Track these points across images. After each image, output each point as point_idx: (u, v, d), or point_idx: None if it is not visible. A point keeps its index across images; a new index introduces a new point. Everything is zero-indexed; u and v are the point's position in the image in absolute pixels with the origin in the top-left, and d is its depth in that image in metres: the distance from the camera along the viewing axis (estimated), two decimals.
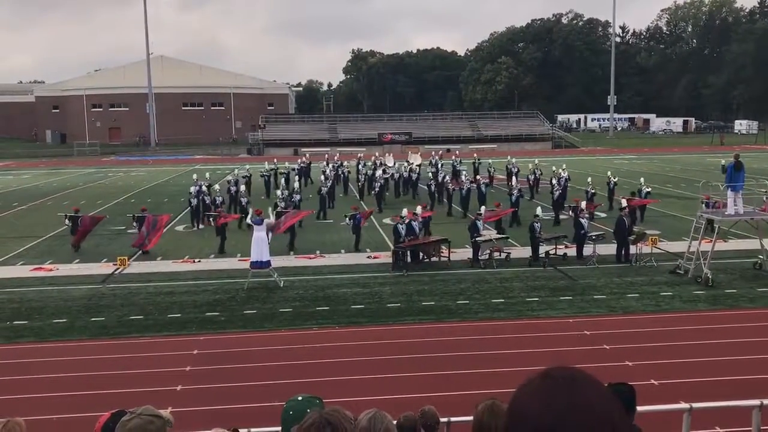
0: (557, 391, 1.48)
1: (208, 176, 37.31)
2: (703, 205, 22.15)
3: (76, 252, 24.47)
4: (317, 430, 2.30)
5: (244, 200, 30.00)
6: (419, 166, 41.42)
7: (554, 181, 31.25)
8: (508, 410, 1.53)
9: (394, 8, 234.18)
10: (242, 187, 31.80)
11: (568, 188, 32.33)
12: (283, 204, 27.48)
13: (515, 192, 28.65)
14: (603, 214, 28.54)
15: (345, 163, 45.86)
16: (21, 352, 14.31)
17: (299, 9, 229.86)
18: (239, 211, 29.20)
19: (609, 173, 34.12)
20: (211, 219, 26.10)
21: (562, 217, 28.43)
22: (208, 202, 29.66)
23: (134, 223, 26.02)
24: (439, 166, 40.93)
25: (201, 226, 28.89)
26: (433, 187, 34.11)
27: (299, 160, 47.14)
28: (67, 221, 26.25)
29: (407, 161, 43.23)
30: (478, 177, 33.58)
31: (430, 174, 37.81)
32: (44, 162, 72.21)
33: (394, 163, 42.53)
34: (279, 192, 30.74)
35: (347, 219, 24.78)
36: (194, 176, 34.63)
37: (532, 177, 36.01)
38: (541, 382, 1.51)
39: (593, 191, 28.80)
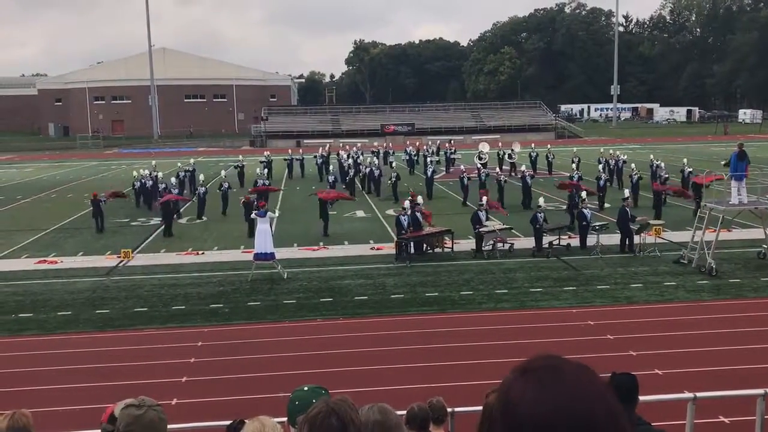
0: (548, 382, 1.41)
1: (179, 165, 37.72)
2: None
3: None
4: (323, 419, 2.30)
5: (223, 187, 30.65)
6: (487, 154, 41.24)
7: (633, 166, 31.75)
8: (501, 410, 1.44)
9: None
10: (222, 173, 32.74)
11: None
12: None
13: (603, 177, 29.68)
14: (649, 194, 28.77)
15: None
16: (26, 345, 14.38)
17: (298, 0, 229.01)
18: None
19: (651, 156, 35.21)
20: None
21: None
22: (148, 186, 32.06)
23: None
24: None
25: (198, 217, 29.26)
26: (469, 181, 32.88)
27: (320, 150, 47.34)
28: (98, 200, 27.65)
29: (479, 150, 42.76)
30: (522, 168, 32.97)
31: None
32: (47, 155, 72.22)
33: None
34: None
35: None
36: (153, 162, 36.93)
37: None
38: (523, 377, 1.44)
39: (666, 176, 29.72)
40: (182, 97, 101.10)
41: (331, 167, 37.56)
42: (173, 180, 32.10)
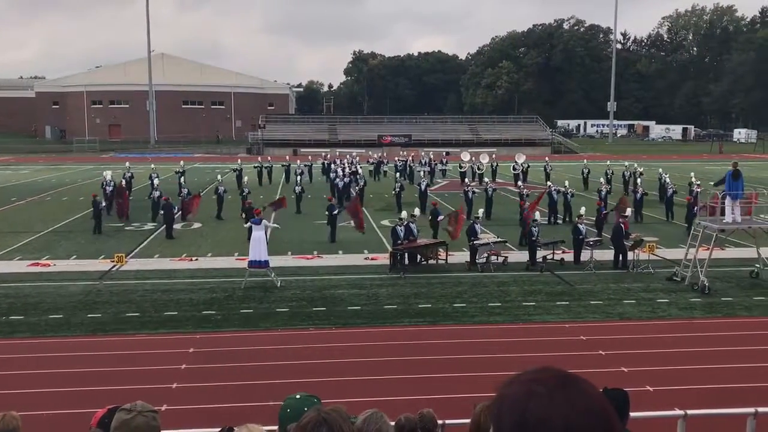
0: (568, 395, 1.44)
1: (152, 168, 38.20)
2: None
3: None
4: (313, 429, 2.31)
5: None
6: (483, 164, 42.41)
7: (668, 180, 32.50)
8: (520, 424, 1.44)
9: (393, 10, 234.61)
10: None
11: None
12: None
13: (639, 191, 30.65)
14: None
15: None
16: (16, 347, 14.30)
17: (298, 10, 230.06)
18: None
19: (660, 170, 36.25)
20: (243, 213, 26.88)
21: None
22: (109, 191, 32.84)
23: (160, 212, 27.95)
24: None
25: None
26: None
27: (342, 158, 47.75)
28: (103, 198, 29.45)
29: (480, 161, 43.71)
30: (549, 183, 32.57)
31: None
32: (43, 158, 72.08)
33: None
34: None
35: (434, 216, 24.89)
36: (127, 164, 39.04)
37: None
38: (540, 390, 1.46)
39: (698, 190, 29.84)
40: (180, 103, 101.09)
41: (299, 178, 37.47)
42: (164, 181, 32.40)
